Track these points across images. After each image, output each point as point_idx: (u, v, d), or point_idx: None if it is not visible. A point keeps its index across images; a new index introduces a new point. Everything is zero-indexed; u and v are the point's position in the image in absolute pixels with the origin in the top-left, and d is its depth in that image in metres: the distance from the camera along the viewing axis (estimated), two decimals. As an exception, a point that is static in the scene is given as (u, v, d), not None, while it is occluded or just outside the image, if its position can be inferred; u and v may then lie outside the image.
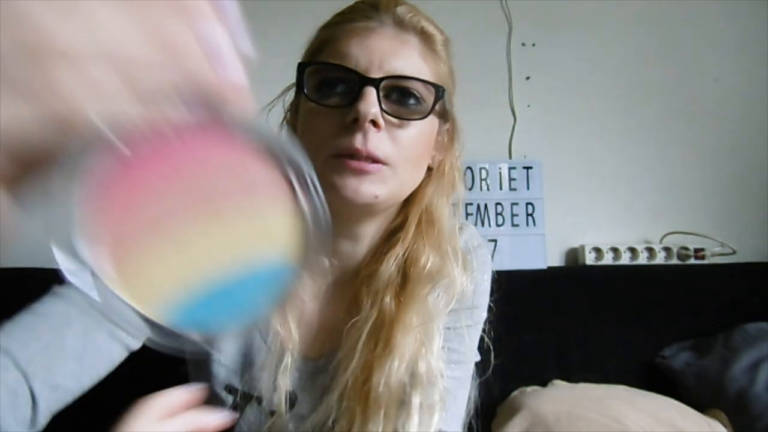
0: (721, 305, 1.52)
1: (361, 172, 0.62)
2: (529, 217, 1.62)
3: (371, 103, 0.61)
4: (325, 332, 0.73)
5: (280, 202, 0.25)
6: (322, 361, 0.71)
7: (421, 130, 0.66)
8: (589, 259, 1.63)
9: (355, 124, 0.61)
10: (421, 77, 0.65)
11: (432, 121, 0.67)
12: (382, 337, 0.67)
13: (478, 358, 0.76)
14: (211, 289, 0.24)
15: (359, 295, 0.70)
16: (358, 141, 0.61)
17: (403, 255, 0.70)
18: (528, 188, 1.64)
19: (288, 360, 0.68)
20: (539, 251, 1.60)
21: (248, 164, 0.24)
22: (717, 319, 1.47)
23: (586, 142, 1.71)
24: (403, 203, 0.72)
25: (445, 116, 0.70)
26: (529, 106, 1.69)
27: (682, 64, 1.76)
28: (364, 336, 0.67)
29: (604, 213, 1.71)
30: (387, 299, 0.68)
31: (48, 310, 0.59)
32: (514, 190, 1.63)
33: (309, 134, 0.65)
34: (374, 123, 0.62)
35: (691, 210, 1.73)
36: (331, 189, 0.62)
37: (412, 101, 0.65)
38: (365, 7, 0.67)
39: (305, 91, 0.65)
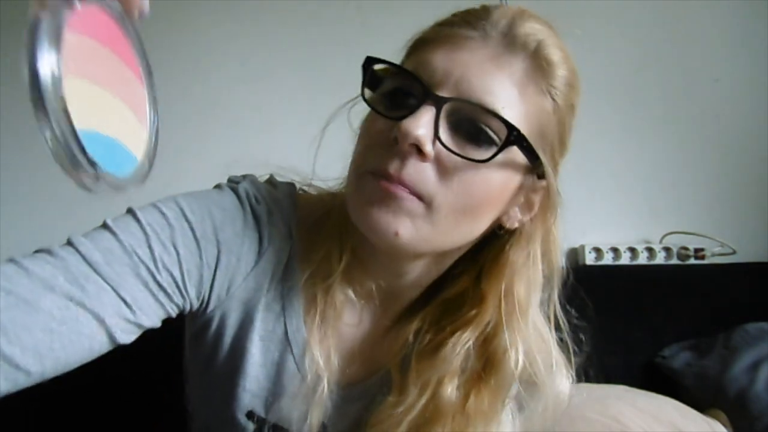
0: (721, 305, 1.52)
1: (385, 195, 0.51)
2: (529, 217, 1.62)
3: (420, 123, 0.49)
4: (362, 359, 0.65)
5: (141, 108, 0.37)
6: (356, 389, 0.65)
7: (485, 179, 0.52)
8: (589, 259, 1.63)
9: (395, 145, 0.50)
10: (510, 116, 0.50)
11: (508, 172, 0.53)
12: (434, 429, 0.57)
13: None
14: (92, 128, 0.31)
15: (407, 366, 0.60)
16: (393, 164, 0.50)
17: (476, 341, 0.58)
18: (528, 188, 1.63)
19: (324, 389, 0.59)
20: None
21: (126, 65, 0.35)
22: (717, 319, 1.47)
23: (586, 142, 1.70)
24: (467, 259, 0.60)
25: (536, 170, 0.56)
26: (529, 106, 1.69)
27: (682, 64, 1.76)
28: (405, 424, 0.57)
29: (604, 213, 1.70)
30: (448, 389, 0.57)
31: (34, 266, 0.46)
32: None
33: (358, 141, 0.56)
34: (419, 150, 0.50)
35: (691, 210, 1.72)
36: (351, 209, 0.54)
37: (483, 139, 0.51)
38: (479, 12, 0.55)
39: (364, 89, 0.55)
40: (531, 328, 0.59)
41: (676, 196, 1.73)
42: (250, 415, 0.64)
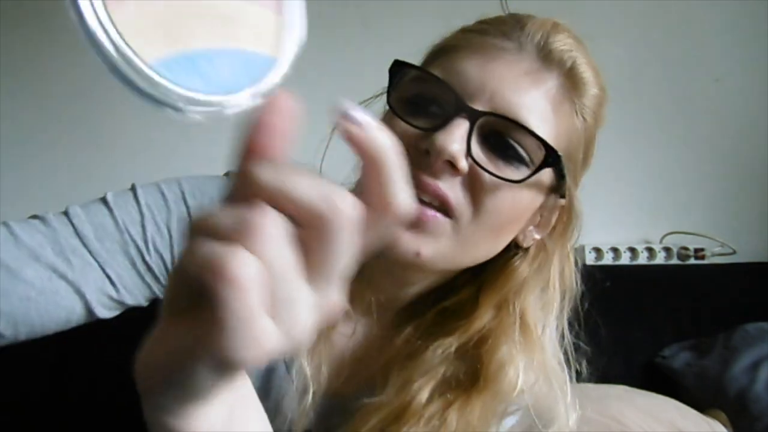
0: (721, 305, 1.52)
1: (413, 215, 0.46)
2: (529, 217, 1.62)
3: (455, 138, 0.47)
4: (351, 372, 0.62)
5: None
6: (339, 403, 0.62)
7: (515, 198, 0.51)
8: (589, 259, 1.63)
9: (426, 157, 0.48)
10: (542, 132, 0.49)
11: (534, 192, 0.52)
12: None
13: None
14: (188, 49, 0.24)
15: (390, 366, 0.57)
16: (425, 177, 0.48)
17: (459, 349, 0.55)
18: (528, 188, 1.63)
19: (308, 399, 0.57)
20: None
21: None
22: (717, 319, 1.47)
23: (586, 142, 1.71)
24: (471, 272, 0.57)
25: (559, 190, 0.54)
26: (529, 106, 1.69)
27: (682, 64, 1.76)
28: (375, 421, 0.54)
29: (604, 213, 1.70)
30: (423, 393, 0.53)
31: (24, 234, 0.47)
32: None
33: None
34: (452, 165, 0.48)
35: (691, 210, 1.72)
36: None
37: (512, 155, 0.50)
38: (511, 22, 0.53)
39: (389, 95, 0.52)
40: (538, 349, 0.55)
41: (676, 196, 1.73)
42: None
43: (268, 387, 0.61)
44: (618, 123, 1.76)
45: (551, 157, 0.50)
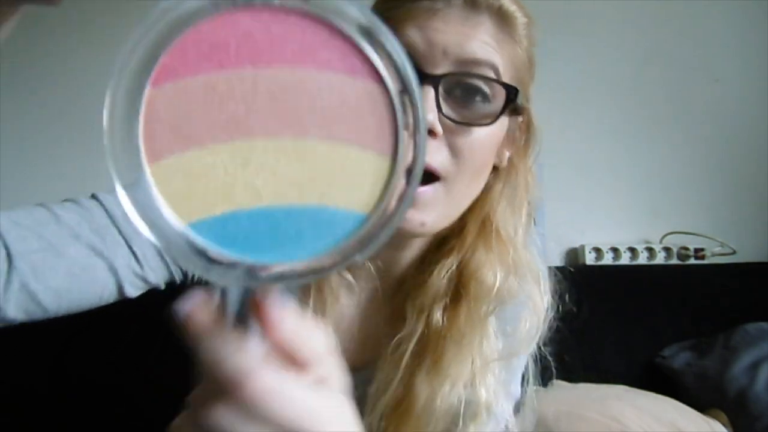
0: (721, 305, 1.52)
1: None
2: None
3: (428, 107, 0.51)
4: (361, 342, 0.66)
5: (375, 134, 0.21)
6: (358, 374, 0.64)
7: (488, 135, 0.55)
8: (589, 259, 1.63)
9: None
10: (492, 69, 0.54)
11: (501, 122, 0.57)
12: (428, 355, 0.59)
13: (518, 394, 0.68)
14: (251, 205, 0.21)
15: (403, 306, 0.62)
16: None
17: (458, 267, 0.61)
18: (528, 188, 1.64)
19: None
20: (539, 251, 1.60)
21: (350, 74, 0.21)
22: (717, 319, 1.47)
23: (586, 142, 1.71)
24: None
25: (518, 111, 0.59)
26: (529, 106, 1.69)
27: (682, 64, 1.76)
28: (408, 354, 0.59)
29: (604, 213, 1.70)
30: (437, 314, 0.59)
31: (63, 214, 0.51)
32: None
33: None
34: (430, 132, 0.51)
35: (691, 210, 1.73)
36: None
37: (478, 98, 0.54)
38: None
39: None
40: (511, 251, 0.61)
41: (676, 196, 1.73)
42: None
43: None
44: (618, 123, 1.77)
45: (511, 93, 0.55)
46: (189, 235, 0.21)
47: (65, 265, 0.50)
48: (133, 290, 0.55)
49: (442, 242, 0.62)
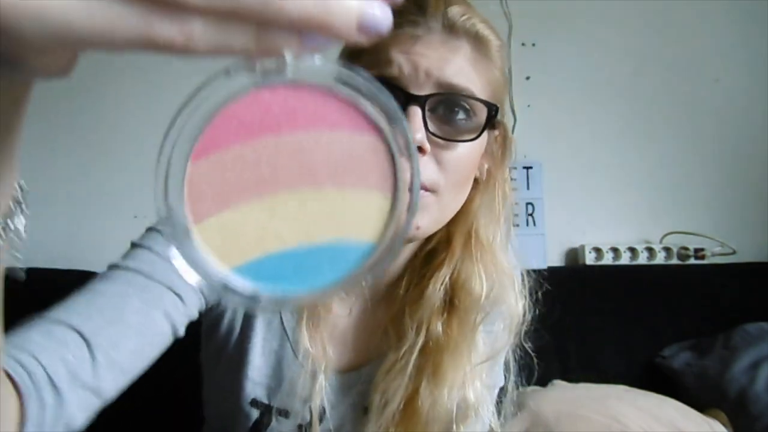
0: (721, 305, 1.52)
1: None
2: (529, 217, 1.62)
3: (416, 127, 0.54)
4: (357, 346, 0.70)
5: (378, 178, 0.26)
6: (354, 375, 0.69)
7: (471, 150, 0.60)
8: (589, 259, 1.63)
9: None
10: (473, 90, 0.58)
11: (483, 137, 0.61)
12: (429, 365, 0.63)
13: (502, 382, 0.72)
14: (280, 249, 0.26)
15: (401, 317, 0.66)
16: None
17: (450, 277, 0.65)
18: (528, 188, 1.64)
19: (321, 376, 0.65)
20: (539, 251, 1.60)
21: (354, 131, 0.26)
22: (717, 319, 1.47)
23: (586, 142, 1.71)
24: None
25: (494, 126, 0.63)
26: (529, 106, 1.69)
27: (682, 64, 1.76)
28: (411, 365, 0.63)
29: (604, 213, 1.71)
30: (435, 326, 0.64)
31: (104, 289, 0.54)
32: (514, 190, 1.63)
33: None
34: (419, 149, 0.55)
35: (691, 210, 1.73)
36: None
37: (461, 116, 0.58)
38: (411, 8, 0.59)
39: None
40: (491, 258, 0.65)
41: (676, 196, 1.73)
42: (253, 402, 0.67)
43: (279, 373, 0.67)
44: (618, 123, 1.77)
45: (492, 110, 0.59)
46: (228, 279, 0.25)
47: (132, 328, 0.53)
48: (182, 330, 0.59)
49: (431, 255, 0.67)
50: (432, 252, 0.67)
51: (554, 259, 1.66)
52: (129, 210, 1.41)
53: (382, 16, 0.22)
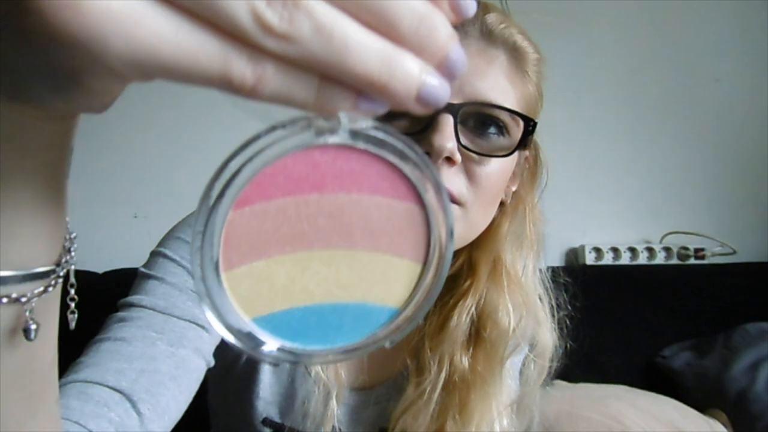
0: (721, 305, 1.52)
1: None
2: (529, 217, 1.62)
3: (447, 136, 0.51)
4: (371, 367, 0.67)
5: (411, 246, 0.27)
6: (367, 394, 0.67)
7: (502, 166, 0.56)
8: (589, 259, 1.63)
9: None
10: (507, 103, 0.55)
11: (515, 154, 0.57)
12: (454, 402, 0.60)
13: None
14: (305, 304, 0.26)
15: (420, 347, 0.62)
16: None
17: (476, 308, 0.61)
18: (528, 188, 1.64)
19: (334, 398, 0.62)
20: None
21: (395, 197, 0.26)
22: (717, 319, 1.47)
23: (586, 142, 1.71)
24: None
25: (527, 144, 0.59)
26: (529, 106, 1.69)
27: (682, 64, 1.76)
28: (434, 402, 0.60)
29: (604, 213, 1.70)
30: (461, 360, 0.60)
31: (125, 335, 0.51)
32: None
33: None
34: (449, 159, 0.52)
35: (691, 210, 1.73)
36: None
37: (493, 131, 0.55)
38: None
39: None
40: (519, 290, 0.62)
41: (676, 196, 1.73)
42: (265, 421, 0.65)
43: (292, 392, 0.65)
44: (618, 123, 1.77)
45: (530, 125, 0.55)
46: (250, 327, 0.26)
47: (167, 374, 0.50)
48: (212, 360, 0.56)
49: (452, 280, 0.62)
50: (454, 277, 0.62)
51: (554, 259, 1.66)
52: (129, 210, 1.41)
53: (441, 89, 0.22)
